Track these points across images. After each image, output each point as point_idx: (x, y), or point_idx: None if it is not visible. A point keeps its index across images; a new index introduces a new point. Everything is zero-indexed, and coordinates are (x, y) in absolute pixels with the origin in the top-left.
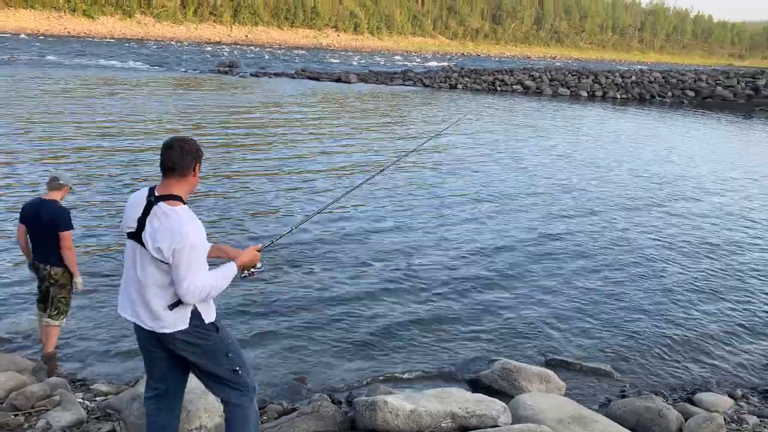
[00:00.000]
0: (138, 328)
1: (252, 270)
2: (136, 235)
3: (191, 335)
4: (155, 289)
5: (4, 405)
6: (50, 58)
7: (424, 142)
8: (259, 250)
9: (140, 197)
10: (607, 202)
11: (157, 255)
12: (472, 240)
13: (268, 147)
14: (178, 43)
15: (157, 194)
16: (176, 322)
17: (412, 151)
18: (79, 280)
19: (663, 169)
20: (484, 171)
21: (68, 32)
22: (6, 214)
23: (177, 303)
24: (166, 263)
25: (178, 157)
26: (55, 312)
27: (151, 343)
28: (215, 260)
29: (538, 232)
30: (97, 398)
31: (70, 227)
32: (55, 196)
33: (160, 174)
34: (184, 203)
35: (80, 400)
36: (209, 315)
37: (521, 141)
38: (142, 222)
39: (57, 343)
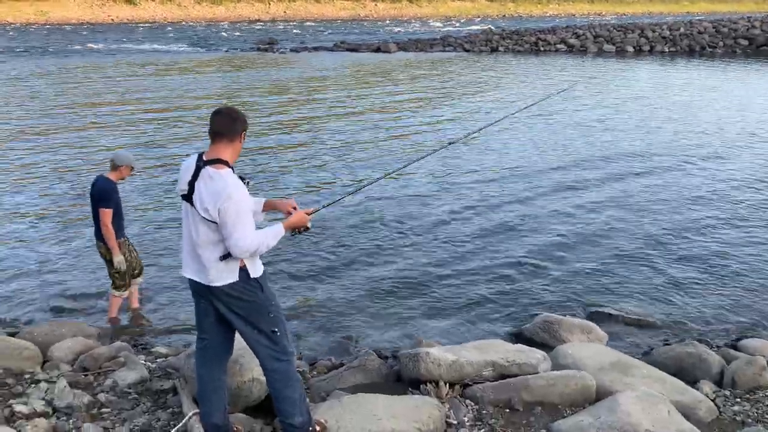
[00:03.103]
0: (191, 282)
1: (301, 230)
2: (188, 197)
3: (237, 290)
4: (207, 246)
5: (74, 366)
6: (97, 46)
7: (501, 119)
8: (308, 214)
9: (191, 162)
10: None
11: (205, 215)
12: (520, 204)
13: (309, 120)
14: (218, 24)
15: (204, 159)
16: (225, 275)
17: (479, 131)
18: (116, 258)
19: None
20: (530, 133)
21: (112, 19)
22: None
23: (227, 255)
24: (214, 222)
25: (228, 123)
26: (113, 286)
27: (202, 295)
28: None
29: (577, 189)
30: (157, 360)
31: (108, 206)
32: (111, 176)
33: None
34: (230, 167)
35: (142, 361)
36: (255, 271)
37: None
38: (192, 185)
39: (119, 312)
